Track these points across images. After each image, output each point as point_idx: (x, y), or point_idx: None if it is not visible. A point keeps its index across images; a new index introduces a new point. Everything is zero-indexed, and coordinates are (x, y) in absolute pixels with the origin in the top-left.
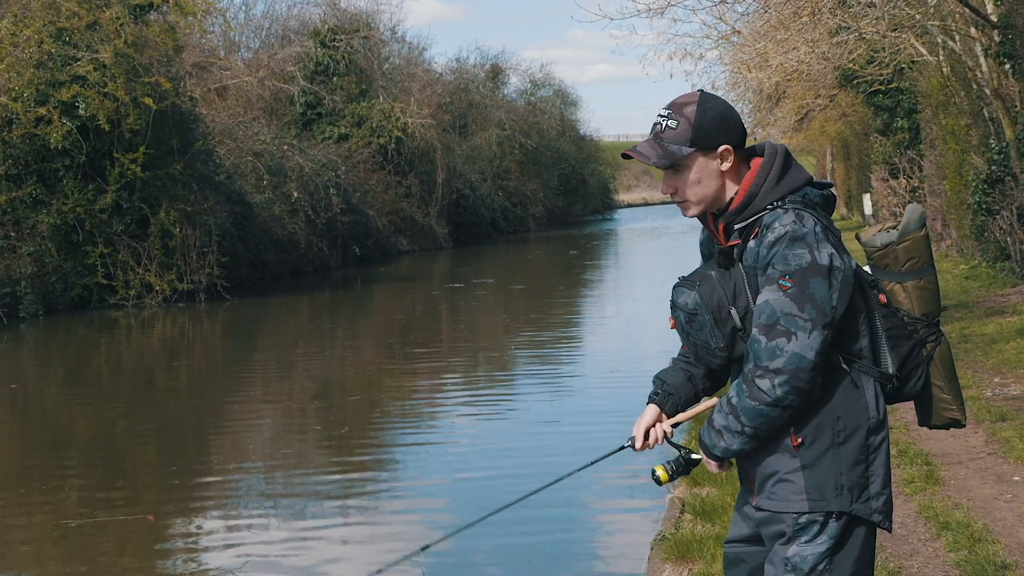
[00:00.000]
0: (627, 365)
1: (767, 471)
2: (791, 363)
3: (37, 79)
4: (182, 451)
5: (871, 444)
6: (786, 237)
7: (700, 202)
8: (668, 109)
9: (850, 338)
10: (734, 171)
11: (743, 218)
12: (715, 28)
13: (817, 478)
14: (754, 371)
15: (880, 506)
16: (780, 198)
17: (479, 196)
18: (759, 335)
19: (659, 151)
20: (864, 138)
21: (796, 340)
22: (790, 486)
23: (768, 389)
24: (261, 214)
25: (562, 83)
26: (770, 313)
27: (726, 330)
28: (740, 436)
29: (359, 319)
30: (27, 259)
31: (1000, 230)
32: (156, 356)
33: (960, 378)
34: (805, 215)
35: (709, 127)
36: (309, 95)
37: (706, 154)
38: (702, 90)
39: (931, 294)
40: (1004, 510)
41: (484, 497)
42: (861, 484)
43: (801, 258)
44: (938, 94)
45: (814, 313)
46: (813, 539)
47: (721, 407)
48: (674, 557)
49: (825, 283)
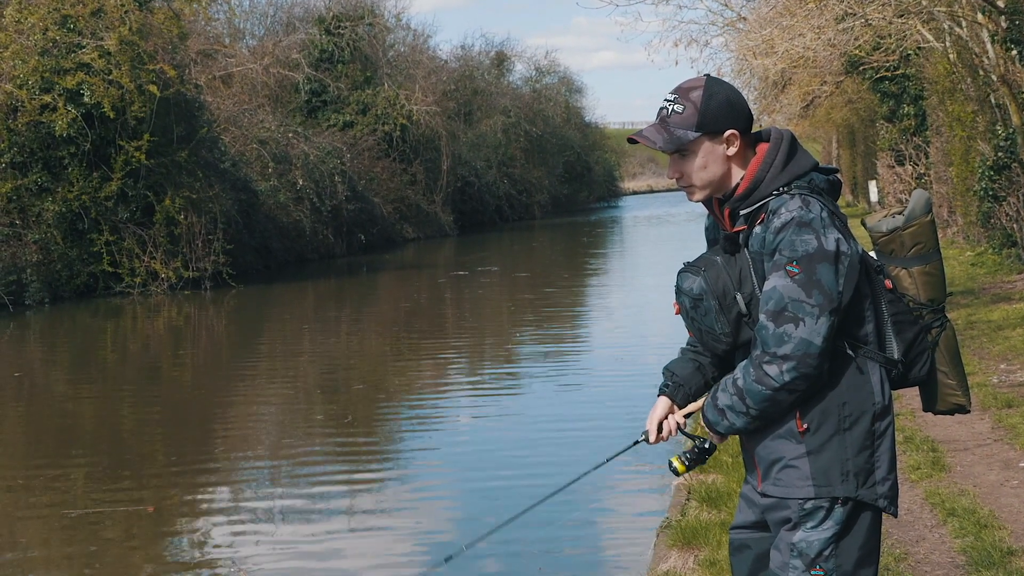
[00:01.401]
0: (631, 353)
1: (772, 457)
2: (799, 349)
3: (42, 67)
4: (188, 439)
5: (876, 430)
6: (792, 223)
7: (706, 187)
8: (674, 94)
9: (856, 323)
10: (740, 156)
11: (749, 204)
12: (721, 15)
13: (823, 464)
14: (762, 357)
15: (886, 491)
16: (786, 184)
17: (484, 183)
18: (767, 321)
19: (665, 136)
20: (870, 125)
21: (804, 326)
22: (795, 472)
23: (776, 375)
24: (266, 202)
25: (567, 70)
26: (778, 299)
27: (731, 316)
28: (744, 416)
29: (364, 307)
30: (32, 247)
31: (1006, 217)
32: (162, 344)
33: (966, 365)
34: (811, 200)
35: (715, 112)
36: (314, 82)
37: (712, 139)
38: (708, 75)
39: (937, 280)
40: (1010, 496)
41: (492, 491)
42: (867, 470)
43: (808, 244)
44: (944, 80)
45: (821, 299)
46: (819, 525)
47: (725, 387)
48: (680, 543)
49: (832, 269)
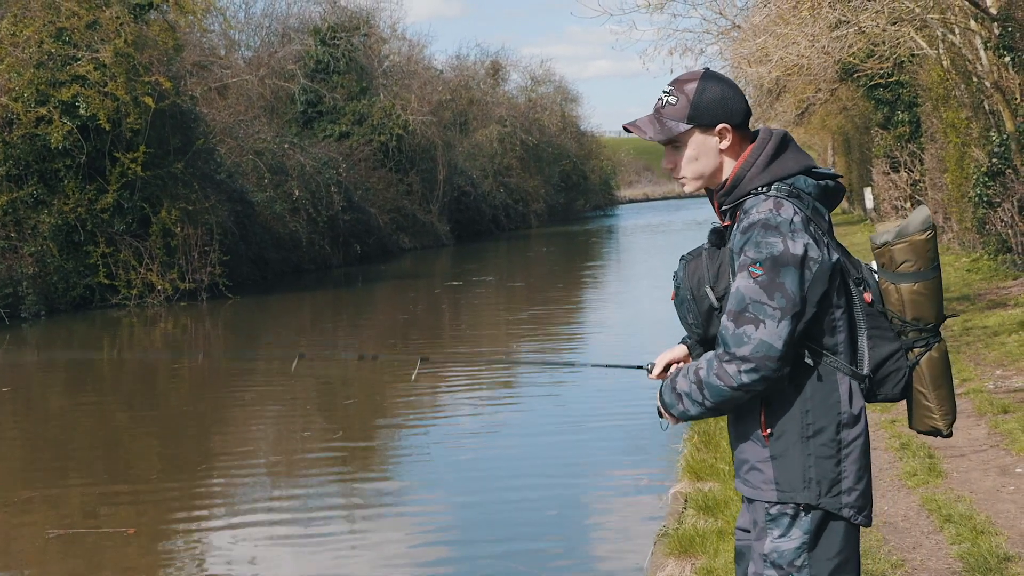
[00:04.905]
0: (626, 362)
1: (741, 457)
2: (758, 351)
3: (37, 79)
4: (182, 453)
5: (843, 439)
6: (758, 224)
7: (697, 178)
8: (671, 85)
9: (827, 332)
10: (734, 151)
11: (730, 200)
12: (715, 23)
13: (785, 469)
14: (722, 355)
15: (852, 501)
16: (766, 184)
17: (480, 193)
18: (727, 321)
19: (657, 126)
20: (865, 132)
21: (764, 328)
22: (760, 475)
23: (734, 374)
24: (262, 212)
25: (562, 79)
26: (739, 300)
27: (702, 307)
28: (700, 407)
29: (361, 318)
30: (29, 259)
31: (1001, 223)
32: (158, 355)
33: (962, 371)
34: (785, 204)
35: (708, 105)
36: (310, 93)
37: (703, 131)
38: (707, 68)
39: (926, 299)
40: (1007, 502)
41: (488, 500)
42: (832, 479)
43: (773, 246)
44: (938, 87)
45: (783, 302)
46: (785, 533)
47: (687, 373)
48: (677, 552)
49: (796, 273)
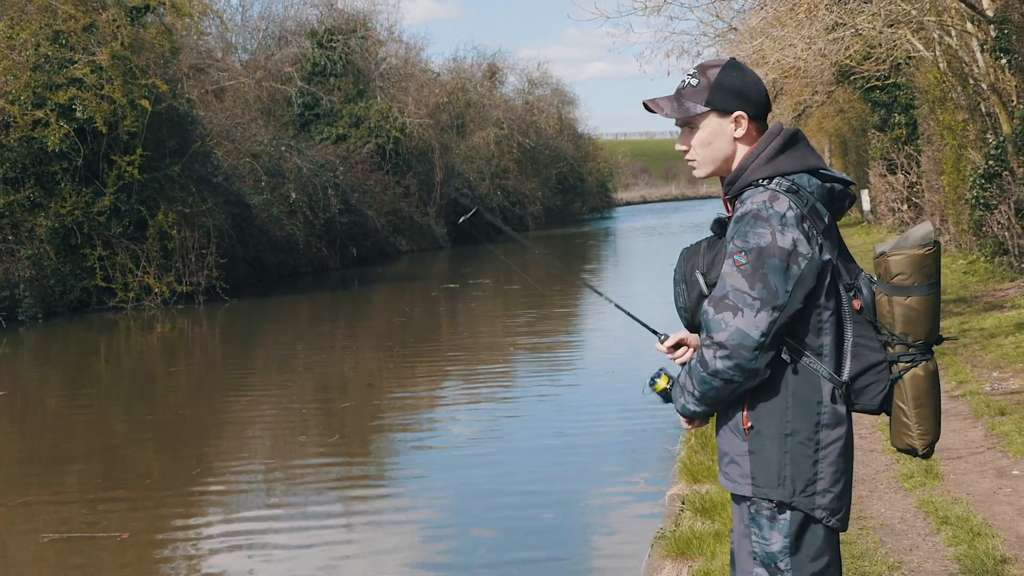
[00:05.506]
0: (623, 366)
1: (723, 449)
2: (734, 339)
3: (34, 82)
4: (178, 457)
5: (821, 440)
6: (749, 215)
7: (708, 163)
8: (695, 69)
9: (812, 332)
10: (747, 141)
11: (733, 191)
12: (712, 25)
13: (761, 464)
14: (704, 339)
15: (826, 503)
16: (767, 177)
17: (477, 195)
18: (708, 306)
19: (674, 104)
20: (861, 134)
21: (742, 316)
22: (737, 468)
23: (710, 359)
24: (259, 215)
25: (559, 82)
26: (721, 286)
27: (693, 293)
28: (692, 398)
29: (358, 321)
30: (25, 262)
31: (998, 225)
32: (155, 359)
33: (959, 373)
34: (781, 198)
35: (727, 90)
36: (307, 96)
37: (720, 116)
38: (733, 58)
39: (917, 315)
40: (1003, 504)
41: (486, 504)
42: (807, 478)
43: (761, 237)
44: (935, 90)
45: (764, 293)
46: (767, 533)
47: (685, 368)
48: (674, 554)
49: (782, 266)
